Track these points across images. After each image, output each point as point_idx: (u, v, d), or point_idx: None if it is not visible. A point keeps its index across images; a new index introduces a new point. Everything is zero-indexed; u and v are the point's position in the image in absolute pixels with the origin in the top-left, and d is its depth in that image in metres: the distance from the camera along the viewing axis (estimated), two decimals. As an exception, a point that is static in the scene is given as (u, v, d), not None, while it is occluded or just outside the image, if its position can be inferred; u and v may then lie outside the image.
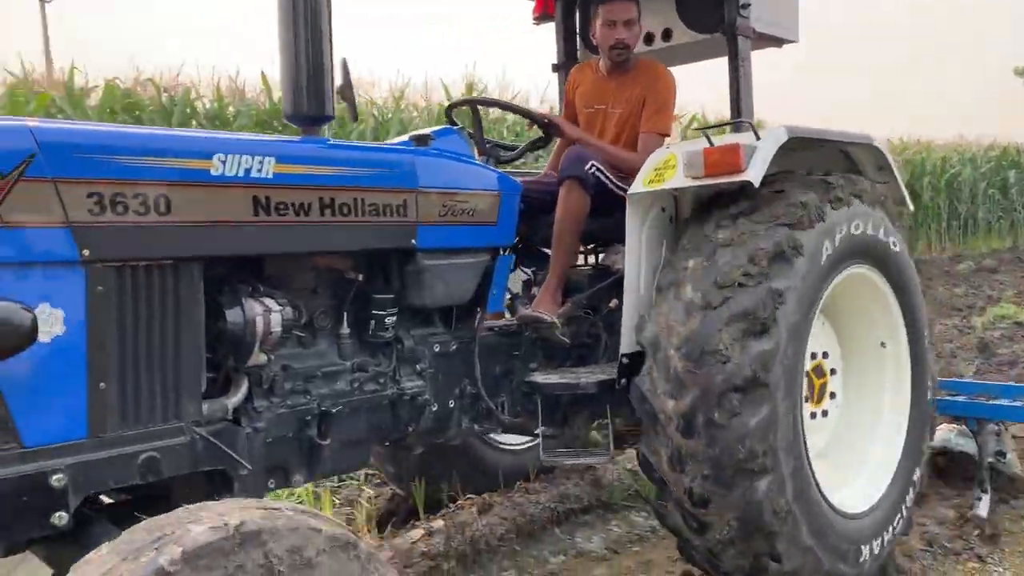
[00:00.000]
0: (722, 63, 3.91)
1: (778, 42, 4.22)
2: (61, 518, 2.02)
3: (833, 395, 3.42)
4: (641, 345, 3.00)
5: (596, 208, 3.48)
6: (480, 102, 3.60)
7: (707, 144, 3.03)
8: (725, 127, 3.32)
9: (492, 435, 4.20)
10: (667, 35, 4.36)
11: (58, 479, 2.02)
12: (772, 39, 4.15)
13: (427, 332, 3.02)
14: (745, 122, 3.14)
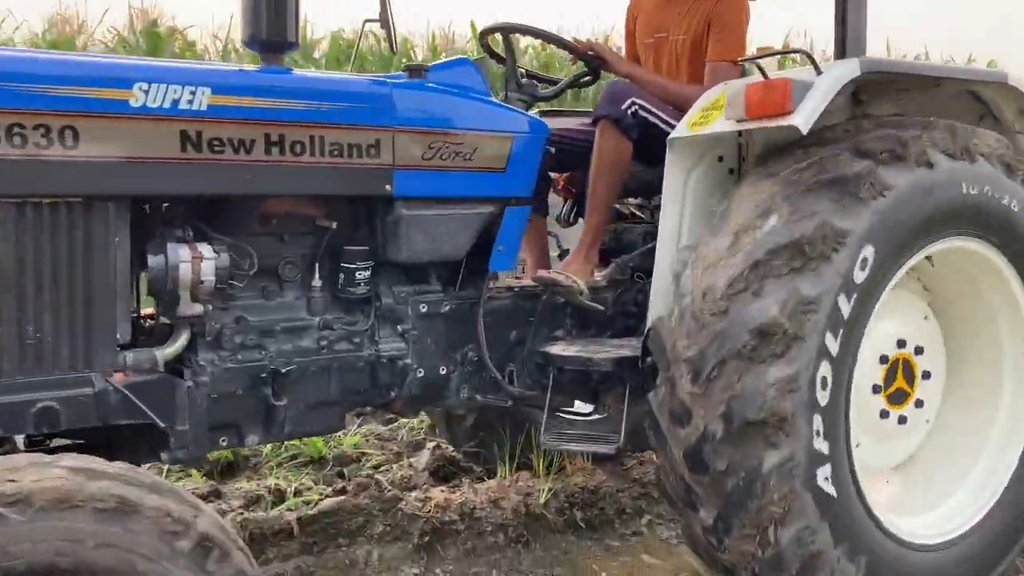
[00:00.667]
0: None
1: None
2: None
3: (921, 403, 2.74)
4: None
5: (646, 154, 2.97)
6: (513, 29, 3.15)
7: (761, 78, 2.45)
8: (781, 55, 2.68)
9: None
10: None
11: None
12: None
13: (412, 290, 2.69)
14: (801, 51, 2.51)
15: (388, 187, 2.49)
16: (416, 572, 3.11)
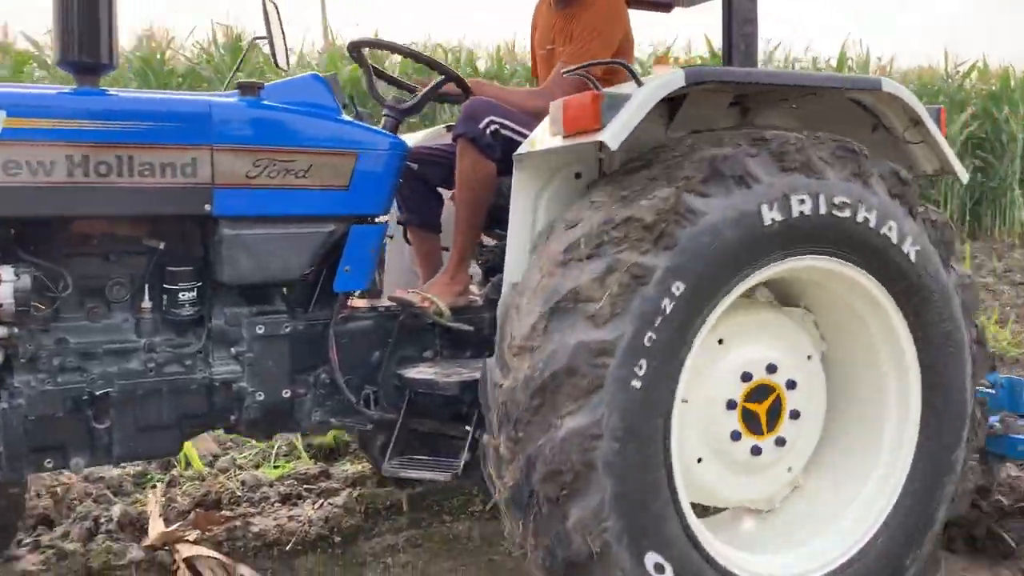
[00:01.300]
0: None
1: None
2: None
3: (782, 442, 2.55)
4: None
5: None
6: (373, 44, 3.08)
7: (593, 90, 2.32)
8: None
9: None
10: None
11: None
12: None
13: (248, 311, 2.63)
14: (616, 62, 2.36)
15: (207, 206, 2.45)
16: (504, 546, 3.16)
